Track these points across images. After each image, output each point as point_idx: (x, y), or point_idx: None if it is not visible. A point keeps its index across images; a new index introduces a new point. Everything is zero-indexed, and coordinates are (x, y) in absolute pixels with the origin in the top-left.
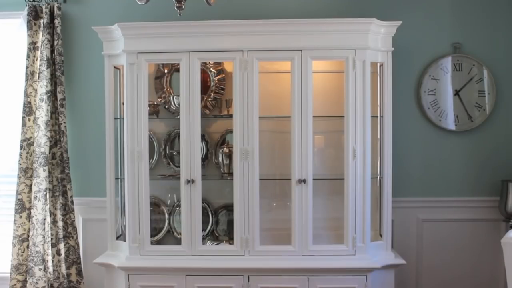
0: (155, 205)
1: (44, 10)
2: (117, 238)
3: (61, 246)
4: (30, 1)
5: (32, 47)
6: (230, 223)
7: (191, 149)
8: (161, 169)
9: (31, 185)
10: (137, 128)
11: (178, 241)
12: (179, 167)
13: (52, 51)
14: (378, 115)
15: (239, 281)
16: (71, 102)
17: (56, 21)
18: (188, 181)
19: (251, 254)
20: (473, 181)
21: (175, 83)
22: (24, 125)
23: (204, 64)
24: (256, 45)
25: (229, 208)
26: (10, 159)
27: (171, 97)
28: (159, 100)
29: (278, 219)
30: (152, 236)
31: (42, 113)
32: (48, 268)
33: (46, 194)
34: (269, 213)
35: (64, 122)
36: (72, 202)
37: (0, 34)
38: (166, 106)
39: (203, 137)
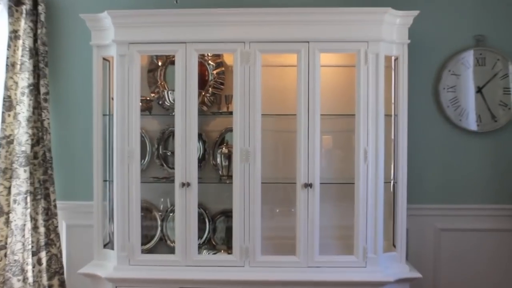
0: (147, 210)
1: None
2: (105, 246)
3: (43, 254)
4: None
5: (13, 36)
6: (229, 230)
7: (186, 149)
8: (153, 171)
9: (10, 187)
10: (127, 126)
11: (171, 250)
12: (173, 168)
13: (35, 41)
14: (392, 113)
15: None
16: (56, 96)
17: (40, 8)
18: (183, 184)
19: (252, 265)
20: (497, 187)
21: (170, 77)
22: (3, 121)
23: (201, 56)
24: (259, 36)
25: (227, 214)
26: None
27: (166, 92)
28: (152, 95)
29: (281, 227)
30: (143, 244)
31: (24, 108)
32: (27, 278)
33: (26, 197)
34: (272, 220)
35: (48, 118)
36: (55, 206)
37: None
38: (160, 102)
39: (200, 136)
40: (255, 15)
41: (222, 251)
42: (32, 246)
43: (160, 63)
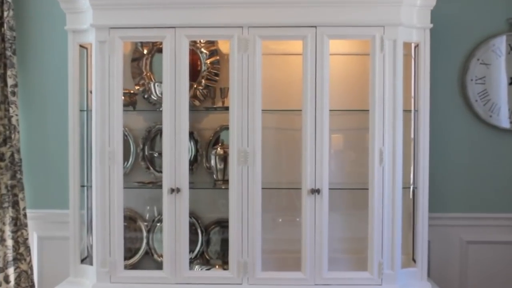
0: (131, 219)
1: None
2: (82, 261)
3: (10, 271)
4: None
5: None
6: (225, 243)
7: (176, 150)
8: (138, 175)
9: None
10: (108, 123)
11: (158, 265)
12: (160, 172)
13: (0, 25)
14: (412, 109)
15: None
16: (25, 89)
17: None
18: (172, 190)
19: (251, 283)
20: None
21: (157, 66)
22: None
23: (193, 44)
24: (259, 19)
25: (223, 224)
26: None
27: (152, 85)
28: (137, 88)
29: (284, 239)
30: (126, 258)
31: None
32: None
33: None
34: (274, 231)
35: (16, 115)
36: (25, 215)
37: None
38: (146, 96)
39: (191, 135)
40: None
41: (217, 266)
42: None
43: (145, 51)
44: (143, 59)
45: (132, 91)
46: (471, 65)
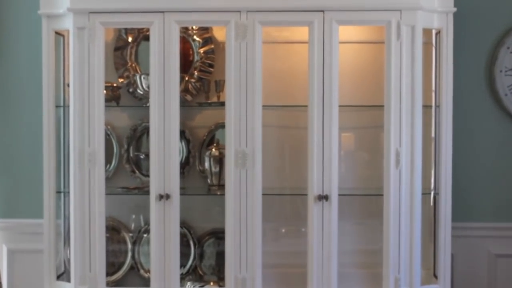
0: (114, 230)
1: None
2: (58, 277)
3: None
4: None
5: None
6: (220, 256)
7: (165, 151)
8: (122, 179)
9: None
10: (88, 120)
11: (145, 282)
12: (147, 176)
13: None
14: (433, 104)
15: None
16: None
17: None
18: (161, 197)
19: None
20: None
21: (143, 56)
22: None
23: (184, 30)
24: (259, 3)
25: (218, 235)
26: None
27: (138, 77)
28: (121, 80)
29: (288, 251)
30: (108, 274)
31: None
32: None
33: None
34: (276, 243)
35: None
36: None
37: None
38: (131, 90)
39: (182, 134)
40: None
41: (212, 283)
42: None
43: (130, 39)
44: (127, 48)
45: (115, 85)
46: (500, 54)
